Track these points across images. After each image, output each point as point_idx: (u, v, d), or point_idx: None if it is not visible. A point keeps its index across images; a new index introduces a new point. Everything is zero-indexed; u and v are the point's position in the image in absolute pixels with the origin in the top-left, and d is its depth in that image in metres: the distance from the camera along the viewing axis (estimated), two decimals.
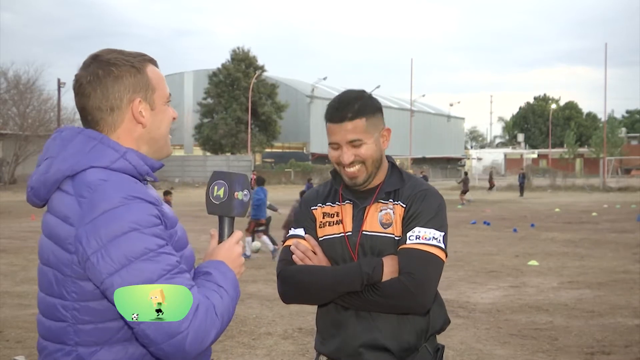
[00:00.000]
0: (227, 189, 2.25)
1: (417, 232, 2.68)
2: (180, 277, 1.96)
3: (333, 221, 2.85)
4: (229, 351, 7.50)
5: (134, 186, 2.02)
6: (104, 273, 1.91)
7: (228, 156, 65.90)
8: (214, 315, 1.97)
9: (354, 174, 2.75)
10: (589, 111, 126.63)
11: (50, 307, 2.05)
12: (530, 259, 14.52)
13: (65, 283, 2.00)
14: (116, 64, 2.13)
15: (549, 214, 28.35)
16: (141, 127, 2.15)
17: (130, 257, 1.91)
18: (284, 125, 71.66)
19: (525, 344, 7.82)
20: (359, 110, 2.73)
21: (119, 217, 1.92)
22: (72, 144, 2.09)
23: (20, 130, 54.12)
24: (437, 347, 2.86)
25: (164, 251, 1.96)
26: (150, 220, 1.97)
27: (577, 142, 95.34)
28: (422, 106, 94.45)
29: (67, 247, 1.98)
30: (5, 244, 16.96)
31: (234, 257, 2.20)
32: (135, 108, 2.13)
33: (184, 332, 1.90)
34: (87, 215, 1.95)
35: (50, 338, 2.07)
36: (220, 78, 70.36)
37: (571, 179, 59.33)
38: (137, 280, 1.89)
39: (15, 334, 8.06)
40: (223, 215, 2.27)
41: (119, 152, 2.08)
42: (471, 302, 10.11)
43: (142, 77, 2.15)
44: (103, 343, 2.00)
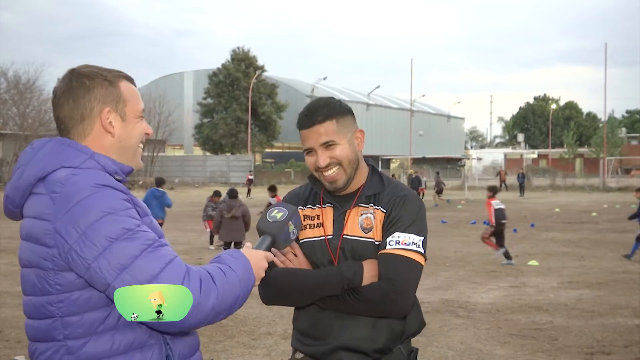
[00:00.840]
0: (286, 217, 2.51)
1: (397, 237, 2.70)
2: (162, 249, 2.05)
3: (314, 224, 2.85)
4: (229, 351, 7.50)
5: (103, 176, 2.12)
6: (89, 258, 1.99)
7: (228, 156, 65.92)
8: (210, 283, 2.05)
9: (332, 177, 2.76)
10: (589, 111, 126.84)
11: (36, 306, 2.12)
12: (530, 259, 14.53)
13: (48, 277, 2.07)
14: (89, 76, 2.25)
15: (548, 214, 28.36)
16: (110, 136, 2.26)
17: (110, 238, 1.99)
18: (284, 125, 71.65)
19: (525, 344, 7.83)
20: (327, 113, 2.77)
21: (92, 204, 2.02)
22: (42, 151, 2.20)
23: (20, 130, 54.13)
24: (410, 350, 2.87)
25: (141, 229, 2.06)
26: (123, 204, 2.07)
27: (577, 142, 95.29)
28: (422, 106, 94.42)
29: (45, 242, 2.06)
30: (5, 244, 16.97)
31: (257, 260, 2.30)
32: (104, 117, 2.24)
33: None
34: (61, 208, 2.04)
35: (39, 338, 2.13)
36: (220, 78, 70.39)
37: (571, 179, 59.32)
38: (121, 258, 1.98)
39: (15, 334, 8.07)
40: (268, 233, 2.47)
41: (87, 153, 2.19)
42: (471, 302, 10.11)
43: (113, 89, 2.26)
44: (91, 334, 2.07)
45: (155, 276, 1.99)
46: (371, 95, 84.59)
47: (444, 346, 7.68)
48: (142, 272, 1.99)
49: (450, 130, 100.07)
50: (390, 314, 2.70)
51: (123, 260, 1.98)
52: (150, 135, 2.41)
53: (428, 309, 9.40)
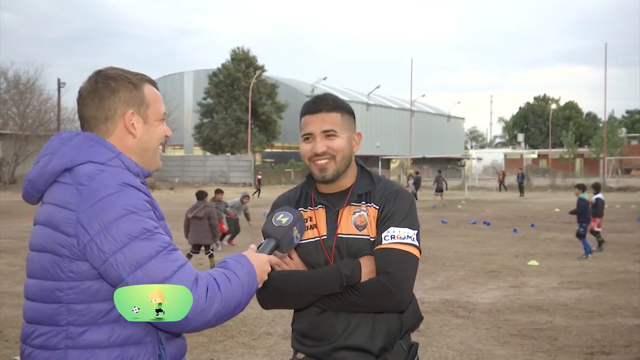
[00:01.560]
0: (291, 222, 2.57)
1: (392, 232, 2.73)
2: (176, 253, 2.14)
3: (307, 226, 2.85)
4: (229, 351, 7.50)
5: (129, 176, 2.21)
6: (108, 252, 2.07)
7: (228, 156, 65.90)
8: (216, 289, 2.13)
9: (323, 165, 2.80)
10: (589, 111, 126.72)
11: (44, 290, 2.19)
12: (530, 259, 14.53)
13: (62, 264, 2.15)
14: (115, 78, 2.34)
15: (548, 214, 28.37)
16: (132, 137, 2.35)
17: (130, 236, 2.08)
18: (284, 125, 71.65)
19: (525, 344, 7.83)
20: (335, 105, 2.84)
21: (117, 201, 2.11)
22: (71, 143, 2.28)
23: (20, 130, 54.19)
24: (411, 344, 2.89)
25: (158, 231, 2.15)
26: (144, 205, 2.16)
27: (577, 142, 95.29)
28: (422, 106, 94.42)
29: (65, 230, 2.14)
30: (5, 244, 16.97)
31: (261, 265, 2.37)
32: (128, 119, 2.33)
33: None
34: (87, 200, 2.12)
35: (41, 320, 2.20)
36: (220, 78, 70.35)
37: (571, 179, 59.26)
38: (138, 257, 2.07)
39: (15, 334, 8.07)
40: (273, 237, 2.54)
41: (114, 152, 2.28)
42: (471, 302, 10.11)
43: (137, 92, 2.36)
44: (93, 323, 2.14)
45: (167, 278, 2.07)
46: (371, 95, 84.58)
47: (444, 346, 7.68)
48: (156, 272, 2.07)
49: (450, 130, 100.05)
50: (390, 308, 2.72)
51: (139, 258, 2.07)
52: (169, 137, 2.50)
53: (428, 309, 9.40)
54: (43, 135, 54.20)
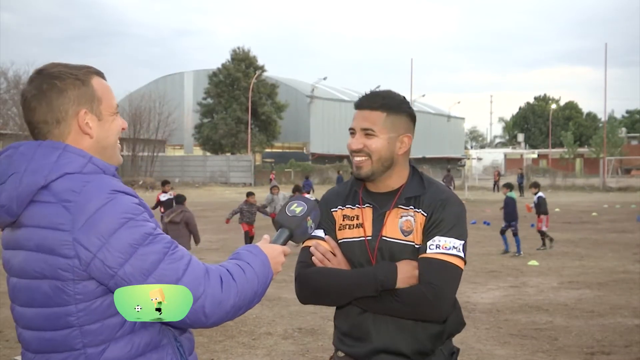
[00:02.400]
0: (305, 212, 2.52)
1: (438, 242, 2.68)
2: (179, 250, 2.08)
3: (353, 224, 2.84)
4: (229, 351, 7.50)
5: (114, 182, 2.10)
6: (115, 266, 1.99)
7: (228, 156, 65.85)
8: (230, 281, 2.10)
9: (358, 163, 2.79)
10: (589, 111, 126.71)
11: (50, 318, 2.07)
12: (530, 259, 14.53)
13: (66, 288, 2.03)
14: (60, 77, 2.16)
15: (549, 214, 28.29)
16: (88, 138, 2.20)
17: (133, 244, 2.00)
18: (284, 125, 71.63)
19: (525, 344, 7.83)
20: (383, 104, 2.78)
21: (111, 212, 2.01)
22: (36, 156, 2.11)
23: (20, 130, 54.10)
24: (452, 351, 2.87)
25: (158, 232, 2.07)
26: (137, 208, 2.07)
27: (577, 142, 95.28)
28: (422, 106, 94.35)
29: (64, 253, 2.01)
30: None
31: (275, 255, 2.33)
32: (81, 119, 2.18)
33: (202, 297, 2.03)
34: (79, 217, 2.00)
35: (53, 349, 2.09)
36: (220, 78, 70.31)
37: (571, 179, 59.26)
38: (146, 264, 2.00)
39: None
40: (286, 227, 2.50)
41: (85, 157, 2.14)
42: (471, 302, 10.11)
43: (87, 89, 2.19)
44: (110, 339, 2.06)
45: (179, 278, 2.02)
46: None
47: None
48: (168, 276, 2.02)
49: (451, 130, 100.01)
50: (429, 317, 2.70)
51: (148, 265, 2.01)
52: (125, 129, 2.36)
53: None
54: None
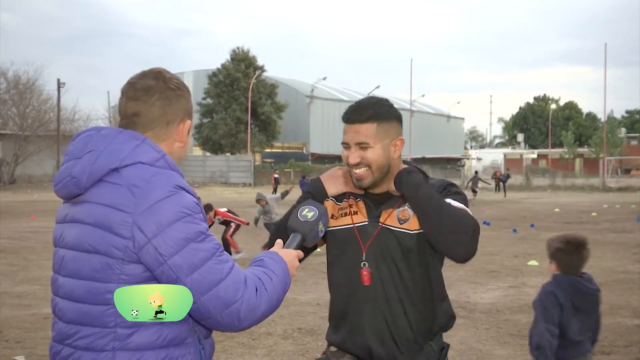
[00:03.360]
0: (316, 217, 2.61)
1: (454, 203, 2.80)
2: (225, 254, 2.21)
3: (345, 212, 2.93)
4: (229, 351, 7.49)
5: (179, 179, 2.25)
6: (166, 254, 2.11)
7: (228, 156, 65.90)
8: (263, 289, 2.21)
9: (360, 175, 2.84)
10: (589, 111, 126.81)
11: (92, 292, 2.18)
12: (530, 259, 14.52)
13: (115, 266, 2.15)
14: (180, 86, 2.39)
15: (548, 214, 28.35)
16: (179, 144, 2.41)
17: (187, 239, 2.13)
18: (283, 125, 71.68)
19: (525, 344, 7.77)
20: (372, 115, 2.82)
21: (172, 205, 2.15)
22: (116, 141, 2.25)
23: (20, 130, 54.20)
24: (442, 346, 2.90)
25: (209, 233, 2.21)
26: (196, 207, 2.21)
27: (577, 142, 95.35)
28: (421, 106, 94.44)
29: (121, 233, 2.14)
30: (5, 244, 16.96)
31: (290, 260, 2.43)
32: (185, 128, 2.40)
33: (239, 301, 2.15)
34: (142, 202, 2.14)
35: (86, 322, 2.20)
36: (220, 78, 70.36)
37: (571, 179, 59.32)
38: (195, 259, 2.12)
39: (15, 334, 8.06)
40: (299, 232, 2.59)
41: (160, 153, 2.29)
42: (471, 302, 10.11)
43: (189, 103, 2.44)
44: (140, 325, 2.15)
45: (222, 279, 2.14)
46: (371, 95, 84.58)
47: None
48: (212, 274, 2.13)
49: (450, 130, 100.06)
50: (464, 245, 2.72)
51: (197, 261, 2.12)
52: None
53: None
54: (43, 135, 54.24)
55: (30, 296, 10.42)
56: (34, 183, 50.59)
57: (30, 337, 7.83)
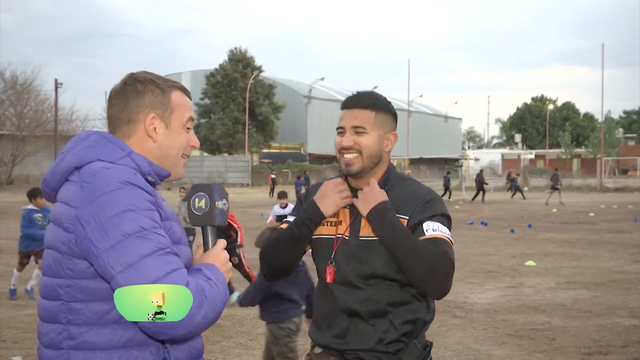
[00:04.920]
0: (208, 200, 2.37)
1: (433, 226, 2.79)
2: (172, 256, 2.09)
3: (330, 222, 2.94)
4: (227, 352, 7.50)
5: (133, 175, 2.19)
6: (101, 248, 2.05)
7: (225, 157, 65.88)
8: (203, 296, 2.08)
9: (349, 160, 2.86)
10: (587, 111, 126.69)
11: (49, 287, 2.20)
12: (527, 260, 14.53)
13: (62, 261, 2.15)
14: (143, 82, 2.35)
15: (546, 215, 28.37)
16: (152, 142, 2.34)
17: (125, 233, 2.05)
18: (281, 125, 71.67)
19: (523, 344, 7.83)
20: (370, 103, 2.90)
21: (116, 199, 2.09)
22: (85, 142, 2.29)
23: (17, 130, 54.15)
24: (425, 344, 2.92)
25: (156, 232, 2.11)
26: (146, 204, 2.13)
27: (574, 143, 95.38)
28: (419, 106, 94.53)
29: (66, 227, 2.14)
30: (2, 244, 16.98)
31: (222, 262, 2.32)
32: (149, 122, 2.33)
33: None
34: (87, 197, 2.12)
35: (46, 318, 2.21)
36: (217, 78, 70.36)
37: (568, 179, 59.29)
38: (131, 255, 2.03)
39: (12, 334, 8.06)
40: (206, 225, 2.39)
41: (125, 151, 2.28)
42: (468, 303, 10.12)
43: (163, 97, 2.35)
44: (93, 324, 2.13)
45: (160, 278, 2.02)
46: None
47: (442, 346, 7.68)
48: (149, 272, 2.03)
49: (448, 130, 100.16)
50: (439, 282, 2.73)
51: (132, 256, 2.03)
52: (196, 147, 2.49)
53: None
54: (40, 135, 54.18)
55: (28, 297, 10.42)
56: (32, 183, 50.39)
57: (27, 338, 7.82)
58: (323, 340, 2.93)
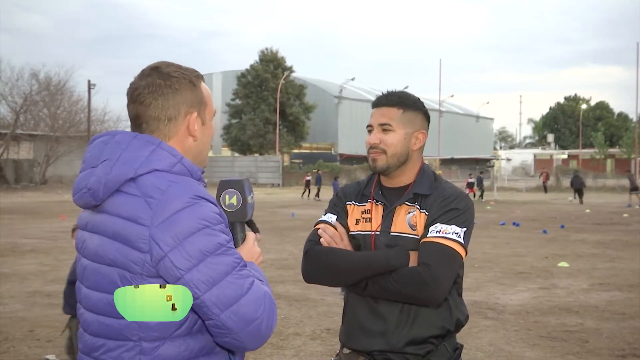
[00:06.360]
0: (240, 196, 2.35)
1: (439, 227, 2.77)
2: (246, 269, 2.11)
3: (364, 218, 2.96)
4: (257, 352, 7.50)
5: (198, 187, 2.14)
6: (183, 269, 2.01)
7: (256, 157, 66.07)
8: (272, 301, 2.12)
9: (374, 156, 2.91)
10: (620, 111, 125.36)
11: (113, 305, 2.11)
12: (560, 261, 14.40)
13: (134, 280, 2.07)
14: (176, 77, 2.24)
15: (579, 215, 28.10)
16: (192, 140, 2.27)
17: (205, 252, 2.03)
18: (312, 125, 71.72)
19: (555, 346, 7.76)
20: (399, 101, 2.92)
21: (190, 216, 2.04)
22: (130, 147, 2.16)
23: (51, 131, 54.68)
24: (455, 347, 2.92)
25: (230, 245, 2.10)
26: (216, 218, 2.10)
27: (607, 143, 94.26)
28: (450, 107, 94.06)
29: (138, 246, 2.05)
30: (36, 243, 17.15)
31: (256, 257, 2.33)
32: (192, 122, 2.25)
33: (260, 318, 2.06)
34: (159, 215, 2.04)
35: (110, 336, 2.13)
36: (248, 79, 70.55)
37: (602, 180, 58.65)
38: (214, 273, 2.03)
39: (46, 333, 8.14)
40: (237, 221, 2.36)
41: (176, 157, 2.18)
42: (500, 304, 10.05)
43: (198, 92, 2.28)
44: (165, 337, 2.09)
45: (242, 295, 2.04)
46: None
47: (473, 348, 7.64)
48: (232, 289, 2.04)
49: (479, 130, 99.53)
50: (423, 301, 2.75)
51: (215, 275, 2.03)
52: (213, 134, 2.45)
53: None
54: (73, 136, 54.69)
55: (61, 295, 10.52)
56: (65, 183, 51.02)
57: (61, 337, 7.90)
58: (352, 342, 2.93)
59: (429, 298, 2.72)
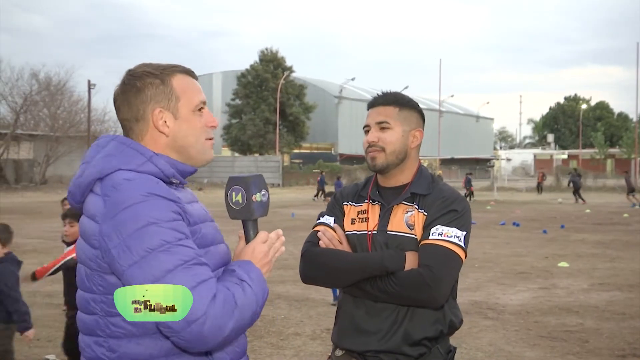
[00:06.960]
0: (245, 194, 2.30)
1: (440, 230, 2.77)
2: (198, 267, 2.03)
3: (360, 218, 2.97)
4: (258, 351, 7.51)
5: (155, 185, 2.12)
6: (124, 265, 2.01)
7: (256, 157, 66.06)
8: (232, 304, 2.04)
9: (372, 155, 2.92)
10: (620, 111, 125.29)
11: (84, 301, 2.18)
12: (560, 261, 14.40)
13: (93, 277, 2.12)
14: (140, 77, 2.26)
15: (579, 215, 28.10)
16: (164, 137, 2.26)
17: (148, 248, 2.00)
18: (312, 126, 71.69)
19: (555, 346, 7.76)
20: (394, 100, 2.96)
21: (138, 212, 2.03)
22: (104, 150, 2.22)
23: (51, 131, 54.68)
24: (449, 349, 2.92)
25: (181, 244, 2.04)
26: (169, 215, 2.06)
27: (607, 143, 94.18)
28: (450, 106, 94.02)
29: (92, 243, 2.10)
30: (36, 244, 17.14)
31: (260, 257, 2.27)
32: (155, 118, 2.24)
33: (202, 318, 1.96)
34: (110, 212, 2.06)
35: (85, 331, 2.19)
36: (248, 79, 70.52)
37: (602, 180, 58.64)
38: (155, 270, 1.98)
39: (46, 332, 8.15)
40: (244, 219, 2.32)
41: (145, 155, 2.19)
42: (500, 304, 10.05)
43: (164, 87, 2.26)
44: (131, 335, 2.09)
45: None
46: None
47: (473, 348, 7.64)
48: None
49: (479, 130, 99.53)
50: (424, 303, 2.75)
51: (156, 272, 1.98)
52: (215, 127, 2.37)
53: None
54: (73, 136, 54.70)
55: (61, 295, 10.51)
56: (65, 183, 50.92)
57: (61, 336, 7.89)
58: (345, 342, 2.93)
59: (430, 299, 2.72)
